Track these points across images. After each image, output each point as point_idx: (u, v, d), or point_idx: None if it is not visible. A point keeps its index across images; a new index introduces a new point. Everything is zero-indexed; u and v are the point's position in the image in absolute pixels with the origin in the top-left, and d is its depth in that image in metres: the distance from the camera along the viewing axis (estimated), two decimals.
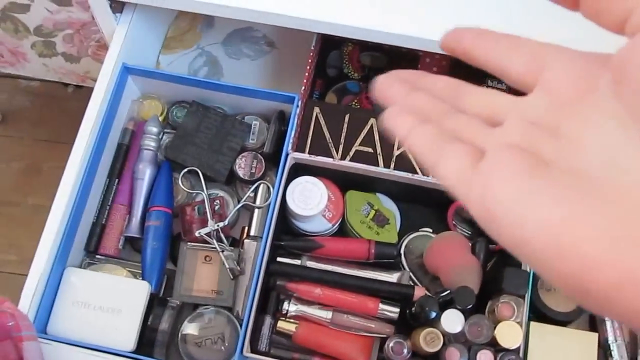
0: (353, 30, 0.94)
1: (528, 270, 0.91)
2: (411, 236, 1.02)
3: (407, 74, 0.39)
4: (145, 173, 1.00)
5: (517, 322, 0.88)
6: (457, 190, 0.31)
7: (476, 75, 1.13)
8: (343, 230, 1.02)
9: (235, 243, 1.01)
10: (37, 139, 1.51)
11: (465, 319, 0.88)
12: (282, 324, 0.94)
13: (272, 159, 1.01)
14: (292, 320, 0.94)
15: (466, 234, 1.03)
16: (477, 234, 1.02)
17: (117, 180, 1.01)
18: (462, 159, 0.31)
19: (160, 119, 1.05)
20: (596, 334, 0.91)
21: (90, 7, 0.95)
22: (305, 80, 1.00)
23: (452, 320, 0.88)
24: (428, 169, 0.34)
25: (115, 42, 0.99)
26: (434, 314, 0.88)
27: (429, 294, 0.97)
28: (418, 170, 1.01)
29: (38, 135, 1.51)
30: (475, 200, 0.30)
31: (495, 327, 0.88)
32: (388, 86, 0.38)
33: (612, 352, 0.93)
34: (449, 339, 0.90)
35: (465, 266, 0.93)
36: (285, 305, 0.94)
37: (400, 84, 0.37)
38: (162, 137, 1.04)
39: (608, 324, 0.95)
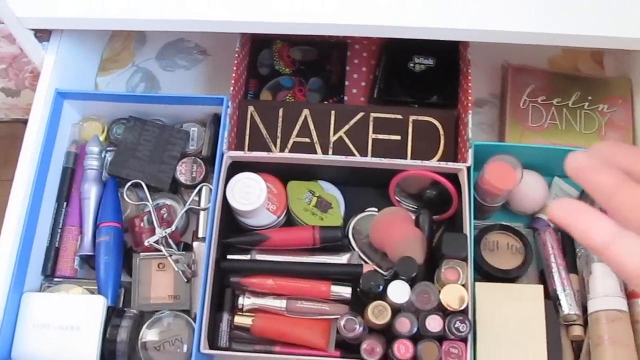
0: (277, 26, 0.96)
1: (467, 233, 0.93)
2: (357, 217, 1.04)
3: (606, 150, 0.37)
4: (90, 192, 1.03)
5: (462, 284, 0.90)
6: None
7: (405, 53, 1.16)
8: (290, 220, 1.05)
9: (189, 248, 1.03)
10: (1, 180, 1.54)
11: (413, 288, 0.90)
12: (238, 319, 0.96)
13: (212, 161, 1.04)
14: (248, 314, 0.97)
15: (411, 209, 1.05)
16: (420, 207, 1.04)
17: (65, 203, 1.04)
18: None
19: (102, 138, 1.08)
20: (542, 286, 0.93)
21: (16, 40, 0.98)
22: (233, 82, 1.02)
23: (398, 291, 0.90)
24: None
25: (46, 70, 1.02)
26: (379, 288, 0.90)
27: (376, 270, 1.00)
28: (355, 153, 1.04)
29: (2, 176, 1.54)
30: None
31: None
32: (594, 173, 0.36)
33: (561, 302, 0.94)
34: (401, 310, 0.92)
35: (408, 238, 0.95)
36: (240, 300, 0.97)
37: (608, 174, 0.35)
38: (104, 156, 1.07)
39: (555, 275, 0.97)
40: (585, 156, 0.37)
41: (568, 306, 0.94)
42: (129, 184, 1.03)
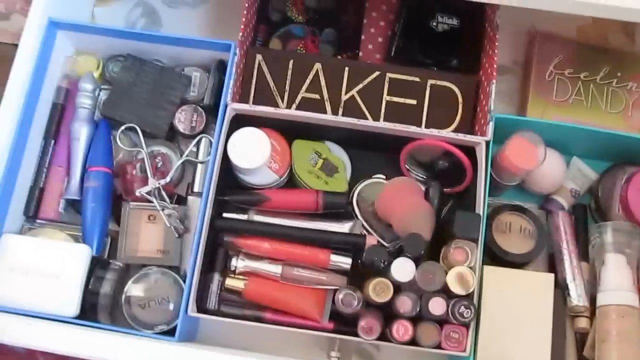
0: None
1: (480, 213, 0.88)
2: (363, 184, 0.98)
3: None
4: (81, 132, 0.96)
5: (470, 267, 0.85)
6: None
7: (427, 10, 1.08)
8: (292, 182, 0.99)
9: (182, 200, 0.98)
10: None
11: (418, 267, 0.85)
12: (230, 281, 0.91)
13: (214, 111, 0.97)
14: (240, 277, 0.91)
15: (420, 179, 1.00)
16: (431, 177, 0.99)
17: (53, 141, 0.97)
18: None
19: (96, 74, 1.00)
20: (552, 275, 0.88)
21: None
22: (242, 27, 0.95)
23: (402, 269, 0.85)
24: None
25: None
26: (383, 263, 0.85)
27: (382, 243, 0.95)
28: (367, 116, 0.97)
29: None
30: None
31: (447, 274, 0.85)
32: None
33: (570, 292, 0.90)
34: (403, 287, 0.88)
35: (416, 211, 0.89)
36: (234, 262, 0.91)
37: None
38: (98, 94, 0.99)
39: (566, 263, 0.92)
40: None
41: (577, 297, 0.90)
42: (122, 127, 0.96)
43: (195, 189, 0.96)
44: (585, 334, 0.91)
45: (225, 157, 0.90)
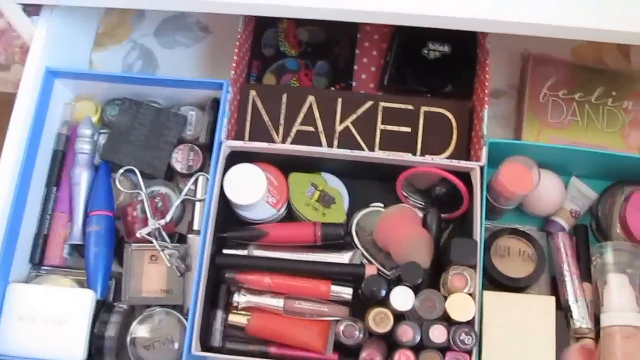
0: (282, 10, 0.89)
1: (477, 238, 0.88)
2: (362, 213, 0.99)
3: None
4: (81, 177, 0.97)
5: (469, 293, 0.85)
6: None
7: (419, 39, 1.09)
8: (291, 215, 0.99)
9: (183, 239, 0.99)
10: None
11: (417, 295, 0.85)
12: (233, 317, 0.92)
13: (211, 149, 0.98)
14: (243, 312, 0.92)
15: (418, 205, 1.00)
16: (428, 204, 0.99)
17: (55, 188, 0.98)
18: None
19: (95, 119, 1.02)
20: (553, 297, 0.87)
21: (3, 14, 0.92)
22: (234, 65, 0.96)
23: (401, 298, 0.85)
24: None
25: (35, 46, 0.96)
26: (382, 293, 0.86)
27: (382, 272, 0.95)
28: (362, 145, 0.98)
29: None
30: None
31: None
32: None
33: (573, 314, 0.89)
34: (406, 316, 0.88)
35: (414, 240, 0.89)
36: (236, 297, 0.92)
37: None
38: (97, 138, 1.01)
39: (568, 284, 0.92)
40: None
41: (580, 319, 0.89)
42: (122, 170, 0.97)
43: (195, 227, 0.97)
44: None
45: (223, 194, 0.91)
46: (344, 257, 0.95)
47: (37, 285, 0.93)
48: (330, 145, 0.98)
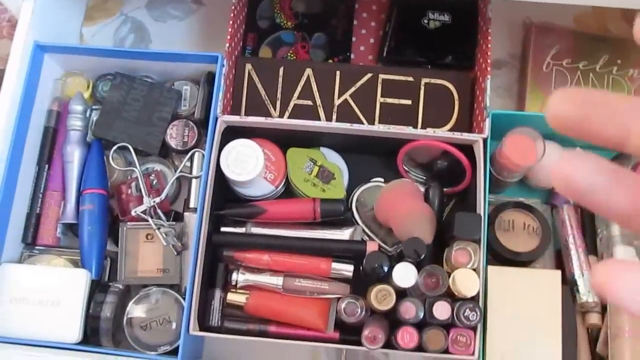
0: None
1: (481, 212, 0.85)
2: (362, 188, 0.96)
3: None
4: (74, 155, 0.95)
5: (473, 269, 0.83)
6: None
7: (418, 8, 1.06)
8: (289, 191, 0.97)
9: (179, 217, 0.96)
10: None
11: (420, 271, 0.83)
12: (231, 296, 0.90)
13: (206, 124, 0.95)
14: (242, 291, 0.90)
15: (420, 180, 0.98)
16: (430, 178, 0.97)
17: (47, 166, 0.96)
18: None
19: (87, 95, 0.99)
20: (559, 271, 0.86)
21: None
22: (229, 37, 0.93)
23: (404, 275, 0.83)
24: None
25: (23, 20, 0.93)
26: (384, 270, 0.84)
27: (384, 248, 0.93)
28: (362, 119, 0.96)
29: None
30: None
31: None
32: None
33: (579, 288, 0.88)
34: (408, 293, 0.86)
35: (415, 215, 0.87)
36: (234, 276, 0.90)
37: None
38: (89, 115, 0.98)
39: (574, 257, 0.90)
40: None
41: (586, 293, 0.87)
42: (115, 147, 0.95)
43: (192, 205, 0.95)
44: (598, 330, 0.88)
45: (219, 170, 0.89)
46: (344, 234, 0.93)
47: (30, 266, 0.91)
48: (329, 119, 0.96)
